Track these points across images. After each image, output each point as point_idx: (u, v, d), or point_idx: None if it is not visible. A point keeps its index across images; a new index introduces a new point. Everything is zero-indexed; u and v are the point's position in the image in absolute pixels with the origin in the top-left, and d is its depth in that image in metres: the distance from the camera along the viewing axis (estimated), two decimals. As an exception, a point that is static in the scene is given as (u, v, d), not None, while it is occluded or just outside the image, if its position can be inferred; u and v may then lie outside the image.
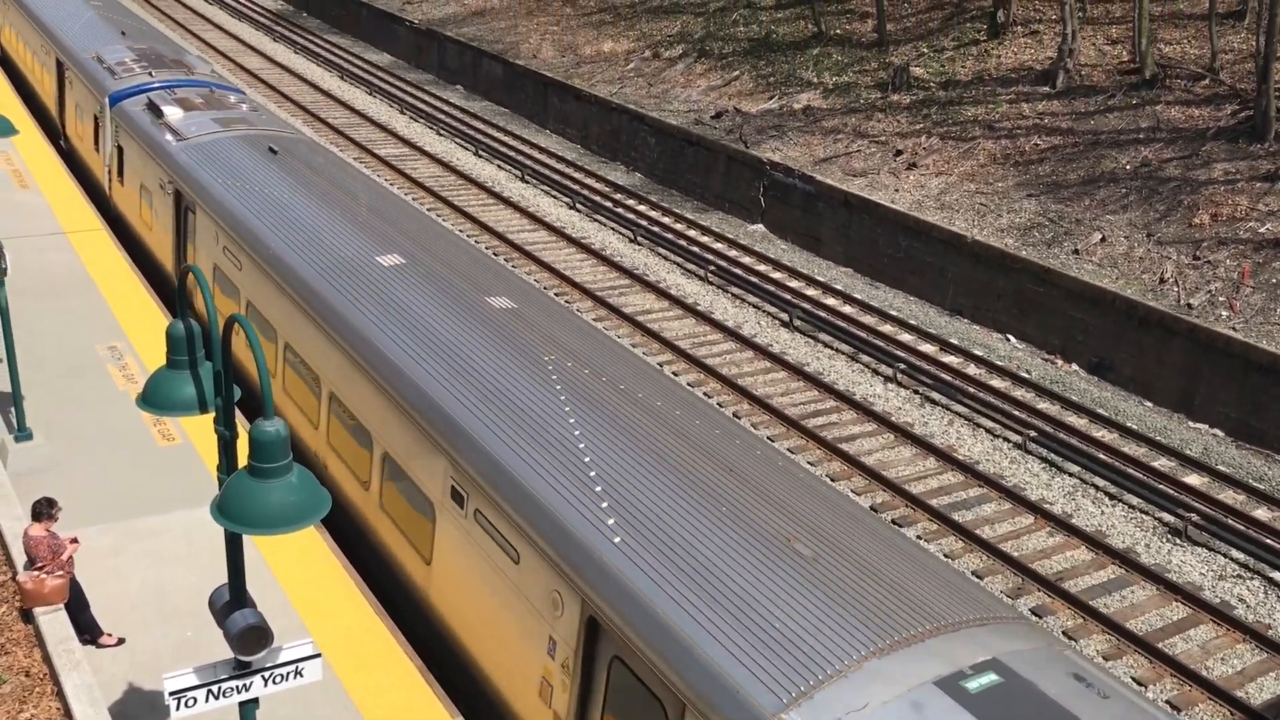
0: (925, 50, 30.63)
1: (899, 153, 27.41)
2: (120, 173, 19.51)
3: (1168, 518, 16.80)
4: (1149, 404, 20.35)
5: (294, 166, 16.04)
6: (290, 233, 13.65)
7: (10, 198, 20.10)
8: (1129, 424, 19.38)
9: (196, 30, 47.91)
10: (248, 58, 43.48)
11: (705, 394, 19.39)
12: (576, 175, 31.10)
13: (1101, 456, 17.98)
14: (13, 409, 12.45)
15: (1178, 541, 16.32)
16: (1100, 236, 22.89)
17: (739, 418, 18.73)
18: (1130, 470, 17.66)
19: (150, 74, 20.46)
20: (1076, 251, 22.77)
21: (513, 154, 32.68)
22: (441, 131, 35.23)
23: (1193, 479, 17.58)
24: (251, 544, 10.74)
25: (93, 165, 21.54)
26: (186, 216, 16.05)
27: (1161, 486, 17.23)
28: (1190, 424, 19.70)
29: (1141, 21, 26.01)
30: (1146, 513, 16.96)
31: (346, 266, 12.58)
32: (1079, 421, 19.24)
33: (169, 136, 17.22)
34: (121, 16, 27.29)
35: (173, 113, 17.95)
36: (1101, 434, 18.85)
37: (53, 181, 21.51)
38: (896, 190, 26.16)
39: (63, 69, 23.40)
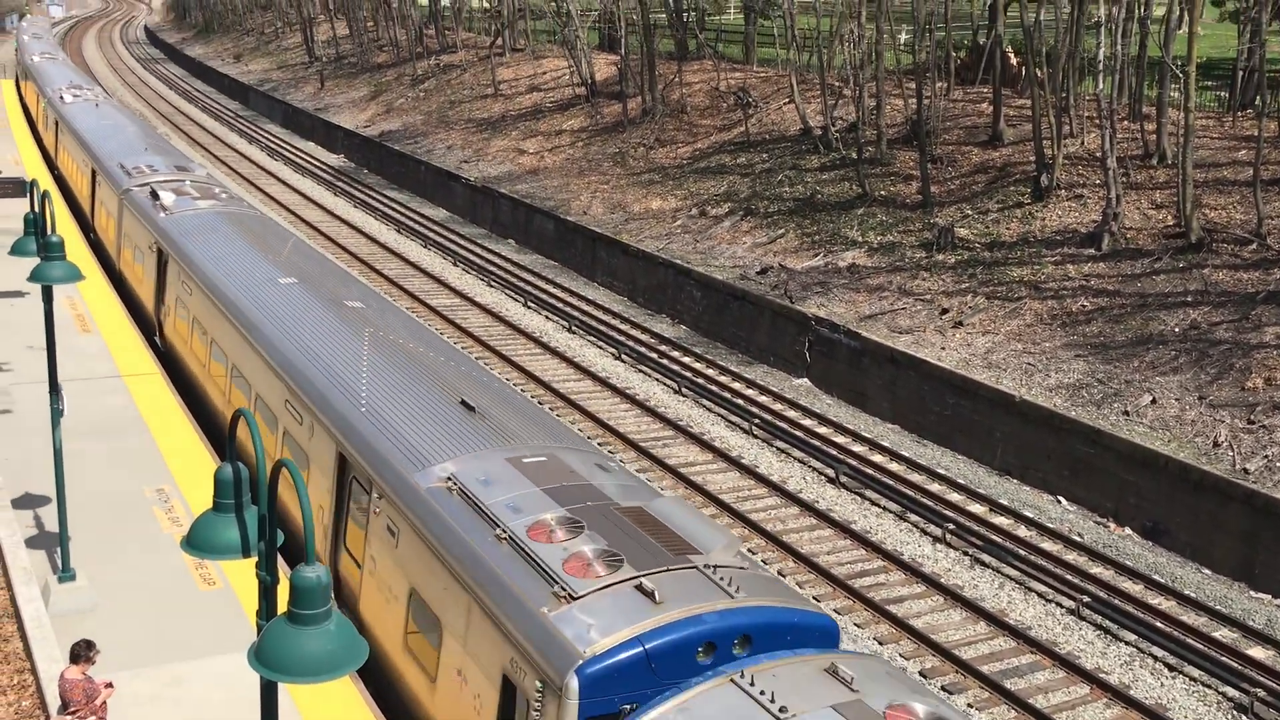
0: (970, 212, 31.06)
1: (945, 311, 27.53)
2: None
3: (1232, 692, 16.09)
4: (1207, 571, 19.74)
5: (245, 231, 22.11)
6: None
7: (72, 342, 20.63)
8: (1187, 591, 18.77)
9: (261, 184, 49.76)
10: (308, 211, 44.97)
11: (750, 550, 19.10)
12: (622, 327, 31.48)
13: (1159, 625, 17.38)
14: (59, 549, 12.51)
15: (1244, 719, 15.58)
16: (1151, 398, 22.64)
17: (784, 575, 18.38)
18: (1190, 640, 17.02)
19: (155, 174, 26.70)
20: (1127, 413, 22.51)
21: (561, 305, 33.21)
22: (492, 283, 35.96)
23: (1257, 651, 16.88)
24: (287, 692, 10.55)
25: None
26: (166, 267, 21.68)
27: (1224, 659, 16.56)
28: (1252, 593, 19.04)
29: (1185, 187, 26.26)
30: (1210, 686, 16.26)
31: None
32: (1134, 588, 18.67)
33: (160, 213, 22.95)
34: (148, 137, 33.84)
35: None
36: (1158, 601, 18.25)
37: (113, 325, 22.10)
38: (943, 348, 26.16)
39: (95, 174, 29.71)
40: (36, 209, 13.22)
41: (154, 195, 23.77)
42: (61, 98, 39.08)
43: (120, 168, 27.32)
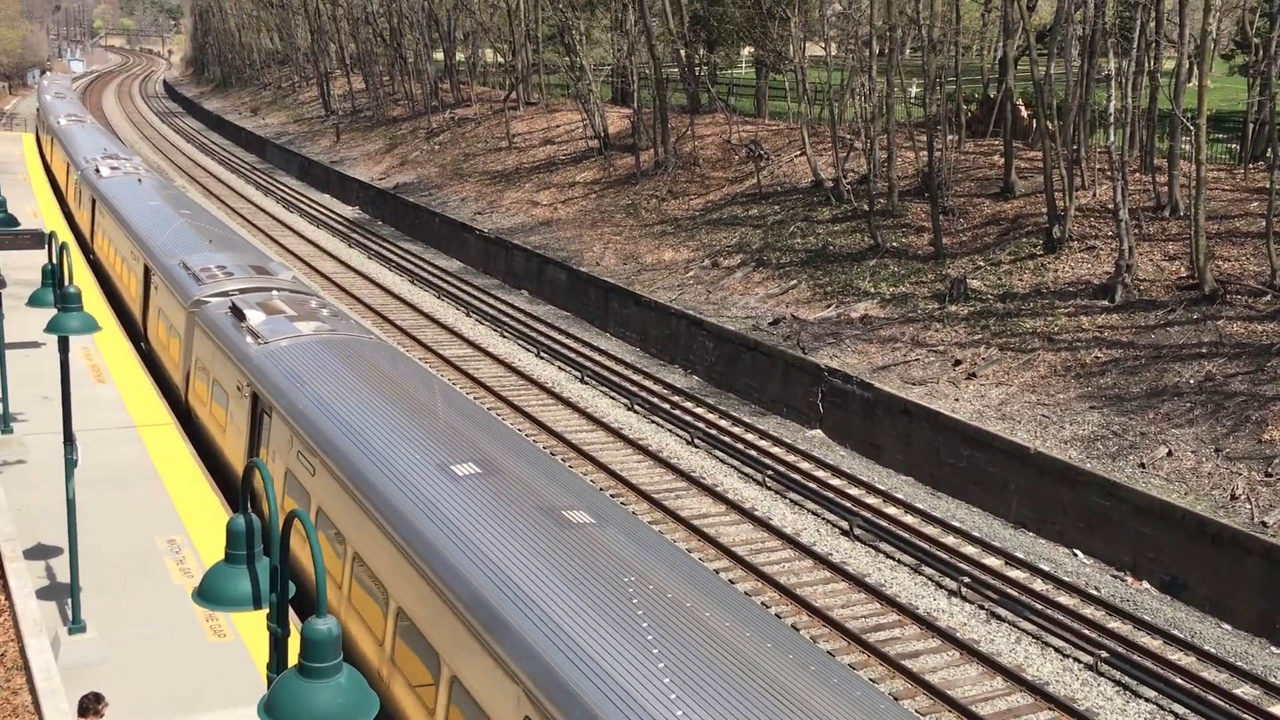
0: (982, 263, 31.10)
1: (958, 362, 27.48)
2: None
3: (1255, 750, 15.81)
4: (1227, 626, 19.48)
5: (370, 371, 15.90)
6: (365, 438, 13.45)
7: (87, 392, 20.71)
8: (1207, 647, 18.51)
9: (276, 235, 50.16)
10: (323, 261, 45.27)
11: (764, 604, 18.91)
12: (635, 377, 31.48)
13: (1179, 681, 17.12)
14: (69, 601, 12.46)
15: (1267, 777, 15.30)
16: (1167, 450, 22.48)
17: (798, 629, 18.20)
18: (1211, 697, 16.75)
19: (230, 278, 20.83)
20: (1143, 465, 22.34)
21: (574, 356, 33.26)
22: (505, 334, 36.06)
23: (1279, 709, 16.61)
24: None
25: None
26: (262, 419, 15.90)
27: (1246, 716, 16.28)
28: (1273, 650, 18.76)
29: (1198, 238, 26.27)
30: (1232, 744, 15.99)
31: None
32: (1153, 643, 18.42)
33: (250, 342, 17.18)
34: (209, 225, 28.09)
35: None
36: (1178, 657, 17.99)
37: (128, 376, 22.18)
38: (956, 399, 26.07)
39: (149, 274, 24.06)
40: (54, 260, 13.33)
41: (236, 313, 18.10)
42: (98, 171, 33.57)
43: (184, 268, 21.72)
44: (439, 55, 73.00)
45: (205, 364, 18.89)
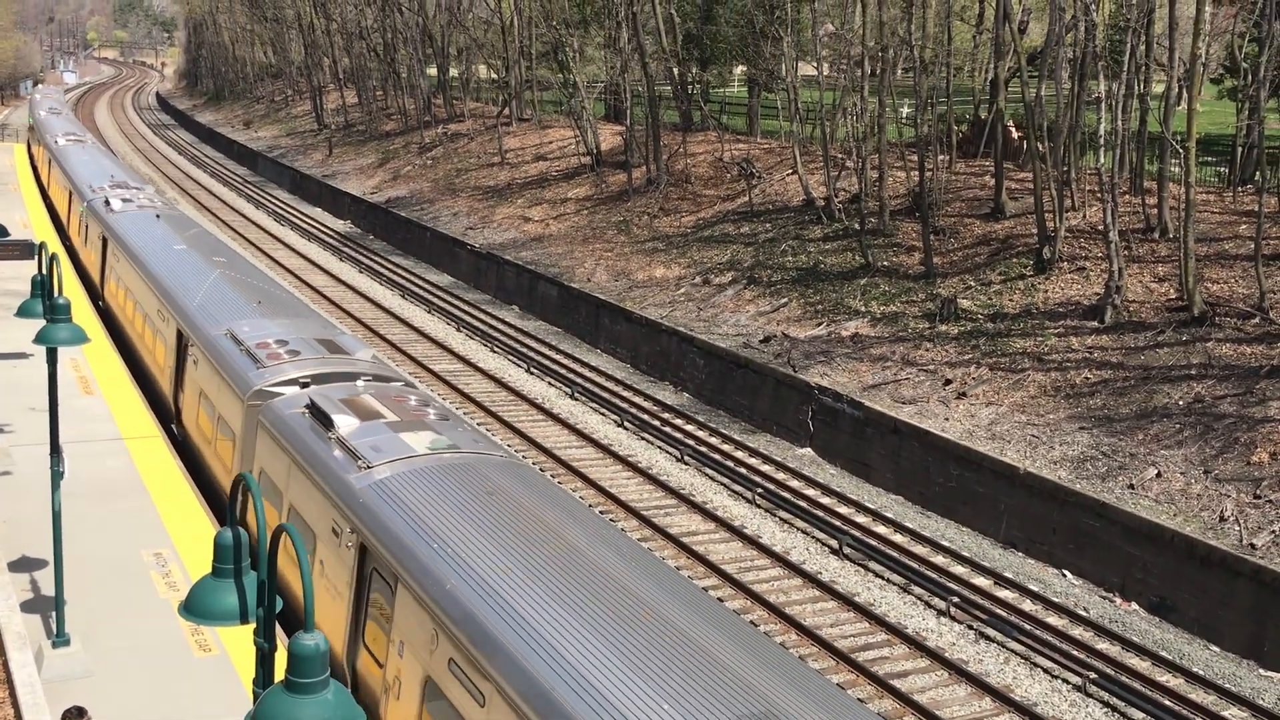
0: (972, 283, 31.18)
1: (948, 382, 27.51)
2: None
3: (1243, 773, 15.78)
4: (1215, 648, 19.47)
5: (524, 519, 11.27)
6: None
7: (74, 403, 20.61)
8: (1195, 669, 18.50)
9: (268, 249, 50.10)
10: (313, 275, 45.21)
11: (754, 623, 18.86)
12: (625, 394, 31.45)
13: (1167, 703, 17.09)
14: (54, 614, 12.37)
15: (1256, 800, 15.26)
16: (1156, 471, 22.52)
17: (788, 648, 18.14)
18: None
19: (300, 360, 16.30)
20: (1132, 486, 22.37)
21: (564, 372, 33.22)
22: (496, 349, 36.02)
23: (1268, 731, 16.59)
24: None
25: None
26: (373, 582, 11.38)
27: (1234, 738, 16.26)
28: (1261, 671, 18.75)
29: (1188, 261, 26.39)
30: (1220, 766, 15.95)
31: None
32: (1141, 664, 18.41)
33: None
34: (250, 277, 23.42)
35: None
36: (1166, 678, 17.98)
37: (116, 388, 22.09)
38: (946, 419, 26.10)
39: (184, 342, 19.40)
40: (43, 271, 13.28)
41: (319, 416, 13.60)
42: (108, 204, 27.74)
43: (233, 341, 17.15)
44: (432, 70, 73.14)
45: (275, 482, 13.94)
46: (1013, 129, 38.30)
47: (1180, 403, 24.06)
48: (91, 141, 50.13)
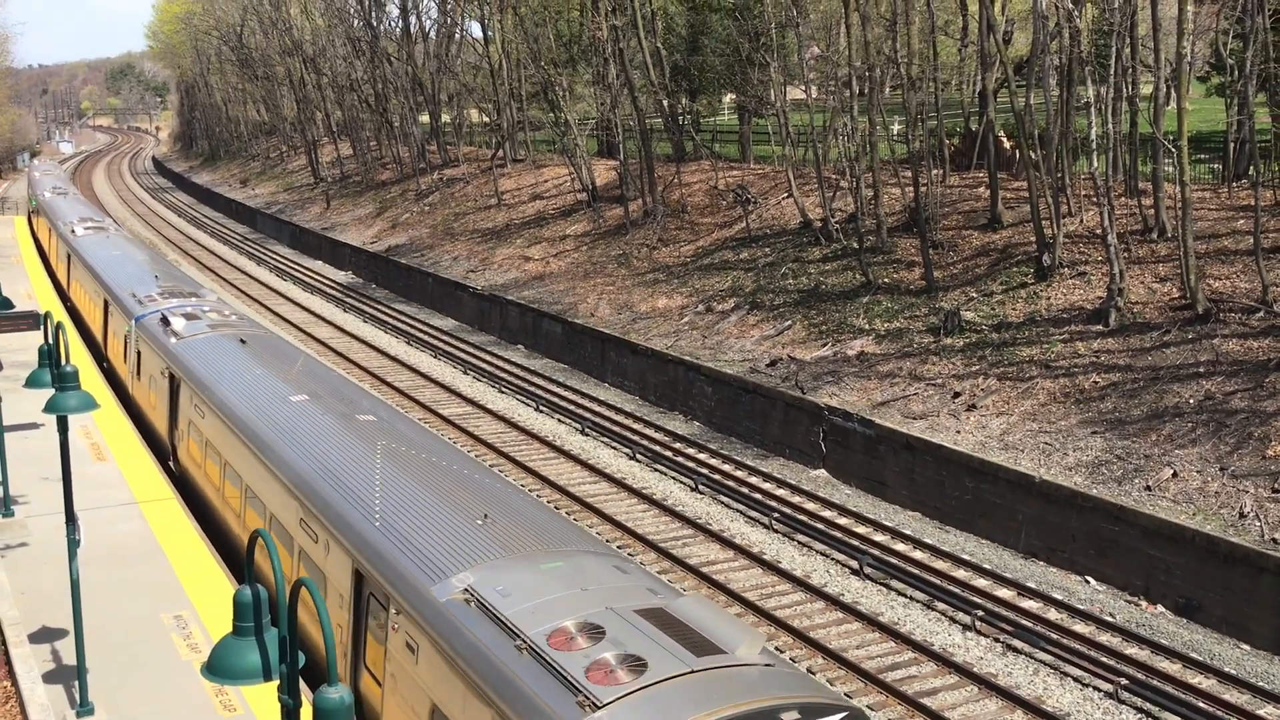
0: (974, 294, 31.19)
1: (957, 394, 27.46)
2: (138, 372, 24.86)
3: (1283, 771, 15.60)
4: (1246, 647, 19.31)
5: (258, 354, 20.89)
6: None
7: (88, 470, 20.65)
8: (1227, 669, 18.34)
9: (271, 305, 50.27)
10: (318, 328, 45.34)
11: (778, 648, 18.74)
12: (636, 426, 31.42)
13: (1202, 705, 16.94)
14: (76, 683, 12.34)
15: (1297, 798, 15.08)
16: (1172, 471, 22.42)
17: (813, 672, 18.02)
18: None
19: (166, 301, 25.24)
20: (1149, 488, 22.27)
21: (573, 408, 33.21)
22: (503, 389, 36.04)
23: (1304, 727, 16.43)
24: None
25: (120, 371, 27.15)
26: (178, 392, 20.11)
27: (1271, 736, 16.10)
28: (1293, 666, 18.58)
29: (1188, 259, 26.38)
30: (1258, 766, 15.78)
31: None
32: (1172, 667, 18.25)
33: (171, 339, 22.14)
34: (163, 266, 32.77)
35: (178, 323, 23.12)
36: (1198, 680, 17.82)
37: (127, 453, 22.12)
38: (958, 431, 26.03)
39: (107, 305, 28.66)
40: (50, 340, 13.34)
41: (165, 322, 18.52)
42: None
43: (131, 295, 20.96)
44: (424, 118, 73.64)
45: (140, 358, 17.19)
46: (1004, 139, 38.42)
47: (1191, 401, 23.98)
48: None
